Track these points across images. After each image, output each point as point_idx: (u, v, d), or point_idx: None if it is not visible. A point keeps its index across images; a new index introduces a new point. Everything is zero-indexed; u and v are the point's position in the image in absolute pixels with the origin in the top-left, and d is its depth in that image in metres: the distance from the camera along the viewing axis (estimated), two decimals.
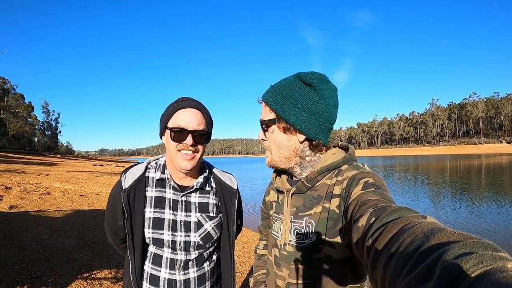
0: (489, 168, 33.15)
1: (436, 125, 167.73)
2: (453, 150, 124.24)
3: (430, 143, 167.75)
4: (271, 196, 1.37)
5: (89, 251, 5.12)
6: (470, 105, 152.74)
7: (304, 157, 1.16)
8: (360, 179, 0.97)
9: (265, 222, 1.49)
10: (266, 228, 1.49)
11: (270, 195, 1.39)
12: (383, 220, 0.63)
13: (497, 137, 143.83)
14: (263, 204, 1.47)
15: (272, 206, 1.34)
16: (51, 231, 5.86)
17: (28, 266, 4.15)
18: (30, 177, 14.02)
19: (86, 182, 14.62)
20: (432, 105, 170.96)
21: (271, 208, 1.36)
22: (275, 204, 1.32)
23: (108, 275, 4.29)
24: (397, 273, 0.45)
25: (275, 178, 1.33)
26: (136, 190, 1.38)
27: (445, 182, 20.91)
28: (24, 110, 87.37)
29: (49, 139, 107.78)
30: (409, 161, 58.78)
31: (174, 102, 1.39)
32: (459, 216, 10.61)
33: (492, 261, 0.34)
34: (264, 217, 1.48)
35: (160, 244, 1.38)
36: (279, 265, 1.18)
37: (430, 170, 33.01)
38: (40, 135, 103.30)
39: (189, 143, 1.32)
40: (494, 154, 78.60)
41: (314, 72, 1.11)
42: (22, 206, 8.04)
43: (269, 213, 1.38)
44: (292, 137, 1.13)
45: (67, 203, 9.20)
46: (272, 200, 1.35)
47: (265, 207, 1.44)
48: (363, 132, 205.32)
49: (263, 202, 1.47)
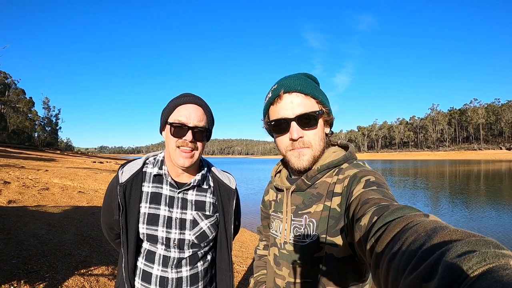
0: (488, 174, 33.12)
1: (436, 130, 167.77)
2: (452, 155, 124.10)
3: (430, 148, 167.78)
4: (270, 195, 1.37)
5: (86, 247, 5.11)
6: (471, 110, 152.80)
7: None
8: (361, 177, 0.96)
9: (265, 222, 1.48)
10: (266, 228, 1.48)
11: (269, 194, 1.38)
12: (386, 219, 0.63)
13: (497, 143, 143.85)
14: (262, 204, 1.46)
15: (271, 205, 1.33)
16: (49, 226, 5.86)
17: (25, 261, 4.14)
18: (29, 172, 14.01)
19: (85, 179, 14.61)
20: (432, 110, 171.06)
21: (270, 207, 1.35)
22: (273, 203, 1.31)
23: (105, 271, 4.28)
24: (400, 271, 0.45)
25: (274, 176, 1.32)
26: (132, 184, 1.37)
27: (444, 187, 20.88)
28: (25, 105, 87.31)
29: (49, 135, 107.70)
30: (408, 165, 58.73)
31: (176, 97, 1.38)
32: (458, 221, 10.60)
33: (495, 258, 0.34)
34: (264, 217, 1.47)
35: (154, 241, 1.36)
36: (278, 264, 1.17)
37: (429, 175, 32.97)
38: (40, 131, 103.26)
39: (188, 139, 1.30)
40: (494, 160, 78.49)
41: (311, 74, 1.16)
42: (20, 201, 8.03)
43: (268, 213, 1.37)
44: (326, 129, 1.16)
45: (66, 199, 9.20)
46: (271, 199, 1.34)
47: (264, 206, 1.43)
48: (363, 135, 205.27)
49: (262, 202, 1.46)
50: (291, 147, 1.10)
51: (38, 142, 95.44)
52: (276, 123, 1.10)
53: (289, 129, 1.08)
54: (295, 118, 1.06)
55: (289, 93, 1.07)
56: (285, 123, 1.08)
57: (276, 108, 1.10)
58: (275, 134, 1.15)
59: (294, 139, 1.07)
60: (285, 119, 1.07)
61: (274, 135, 1.17)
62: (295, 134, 1.06)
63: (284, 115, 1.07)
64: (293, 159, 1.11)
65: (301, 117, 1.06)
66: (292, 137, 1.07)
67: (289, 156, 1.12)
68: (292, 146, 1.09)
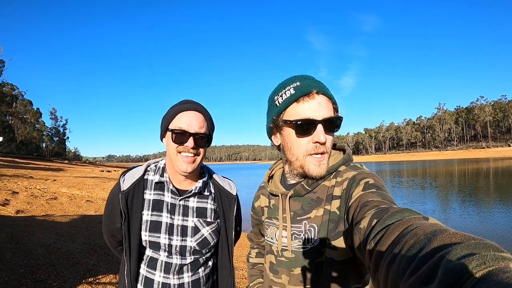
0: (497, 171, 32.75)
1: (444, 130, 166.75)
2: (461, 154, 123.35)
3: (438, 147, 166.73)
4: (262, 201, 1.33)
5: (94, 256, 5.13)
6: (478, 108, 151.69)
7: None
8: (360, 179, 0.95)
9: (256, 229, 1.45)
10: (257, 235, 1.46)
11: (260, 200, 1.34)
12: (385, 222, 0.63)
13: (505, 140, 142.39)
14: (252, 210, 1.42)
15: (264, 211, 1.29)
16: (57, 235, 5.90)
17: (33, 270, 4.17)
18: (38, 182, 14.15)
19: (93, 188, 14.72)
20: (439, 109, 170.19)
21: (262, 214, 1.31)
22: (267, 209, 1.27)
23: (113, 280, 4.30)
24: (399, 275, 0.46)
25: (267, 181, 1.29)
26: (134, 192, 1.37)
27: (454, 186, 20.70)
28: (32, 116, 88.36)
29: (56, 145, 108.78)
30: (416, 166, 58.38)
31: (176, 104, 1.38)
32: (470, 221, 10.48)
33: (494, 261, 0.34)
34: (255, 224, 1.43)
35: (157, 248, 1.37)
36: (276, 272, 1.14)
37: (438, 175, 32.71)
38: (48, 141, 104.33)
39: (190, 146, 1.31)
40: (503, 157, 77.80)
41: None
42: (29, 211, 8.11)
43: (260, 219, 1.34)
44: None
45: (74, 208, 9.27)
46: (263, 206, 1.30)
47: (255, 213, 1.39)
48: (370, 137, 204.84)
49: (252, 208, 1.41)
50: (313, 150, 1.03)
51: (46, 152, 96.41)
52: (303, 123, 1.02)
53: (313, 131, 1.01)
54: (322, 120, 1.01)
55: (318, 94, 1.03)
56: (312, 124, 1.01)
57: (303, 107, 1.02)
58: (298, 135, 1.05)
59: (322, 143, 1.01)
60: (313, 120, 1.01)
61: (296, 135, 1.06)
62: (323, 137, 1.00)
63: (312, 116, 1.01)
64: (311, 166, 1.04)
65: (327, 120, 1.02)
66: (320, 141, 1.00)
67: (307, 162, 1.04)
68: (315, 150, 1.03)
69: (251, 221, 1.46)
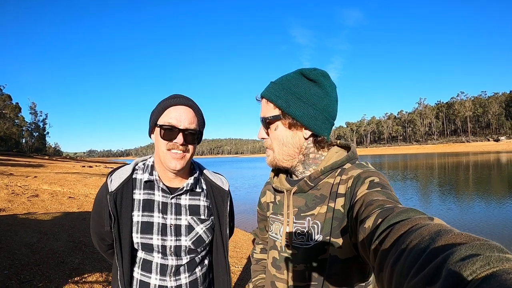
0: (476, 165, 33.66)
1: (424, 124, 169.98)
2: (441, 148, 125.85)
3: (419, 141, 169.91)
4: (267, 197, 1.34)
5: (79, 254, 5.04)
6: (458, 104, 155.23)
7: (308, 154, 1.14)
8: (365, 178, 0.96)
9: (261, 225, 1.45)
10: (263, 231, 1.45)
11: (266, 196, 1.36)
12: (390, 221, 0.62)
13: (484, 135, 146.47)
14: (258, 206, 1.43)
15: (269, 207, 1.30)
16: (40, 234, 5.76)
17: (17, 271, 4.07)
18: (18, 179, 13.77)
19: (74, 184, 14.41)
20: (420, 104, 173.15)
21: (267, 209, 1.32)
22: (272, 205, 1.28)
23: (100, 278, 4.23)
24: (404, 274, 0.45)
25: (273, 177, 1.29)
26: (123, 193, 1.31)
27: (434, 179, 21.16)
28: (11, 111, 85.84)
29: (36, 141, 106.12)
30: (398, 159, 59.33)
31: (166, 98, 1.33)
32: (450, 213, 10.74)
33: (499, 262, 0.34)
34: (261, 219, 1.43)
35: (150, 249, 1.32)
36: (279, 268, 1.15)
37: (419, 168, 33.37)
38: (28, 137, 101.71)
39: (179, 142, 1.26)
40: (482, 152, 79.82)
41: (316, 68, 1.10)
42: (10, 209, 7.88)
43: (266, 215, 1.34)
44: (298, 133, 1.11)
45: (56, 206, 9.06)
46: (269, 201, 1.31)
47: (261, 209, 1.39)
48: (352, 131, 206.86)
49: (258, 204, 1.42)
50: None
51: (26, 148, 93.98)
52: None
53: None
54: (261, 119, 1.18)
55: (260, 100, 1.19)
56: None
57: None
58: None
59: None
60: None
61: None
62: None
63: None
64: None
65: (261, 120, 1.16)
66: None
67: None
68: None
69: (257, 216, 1.46)
